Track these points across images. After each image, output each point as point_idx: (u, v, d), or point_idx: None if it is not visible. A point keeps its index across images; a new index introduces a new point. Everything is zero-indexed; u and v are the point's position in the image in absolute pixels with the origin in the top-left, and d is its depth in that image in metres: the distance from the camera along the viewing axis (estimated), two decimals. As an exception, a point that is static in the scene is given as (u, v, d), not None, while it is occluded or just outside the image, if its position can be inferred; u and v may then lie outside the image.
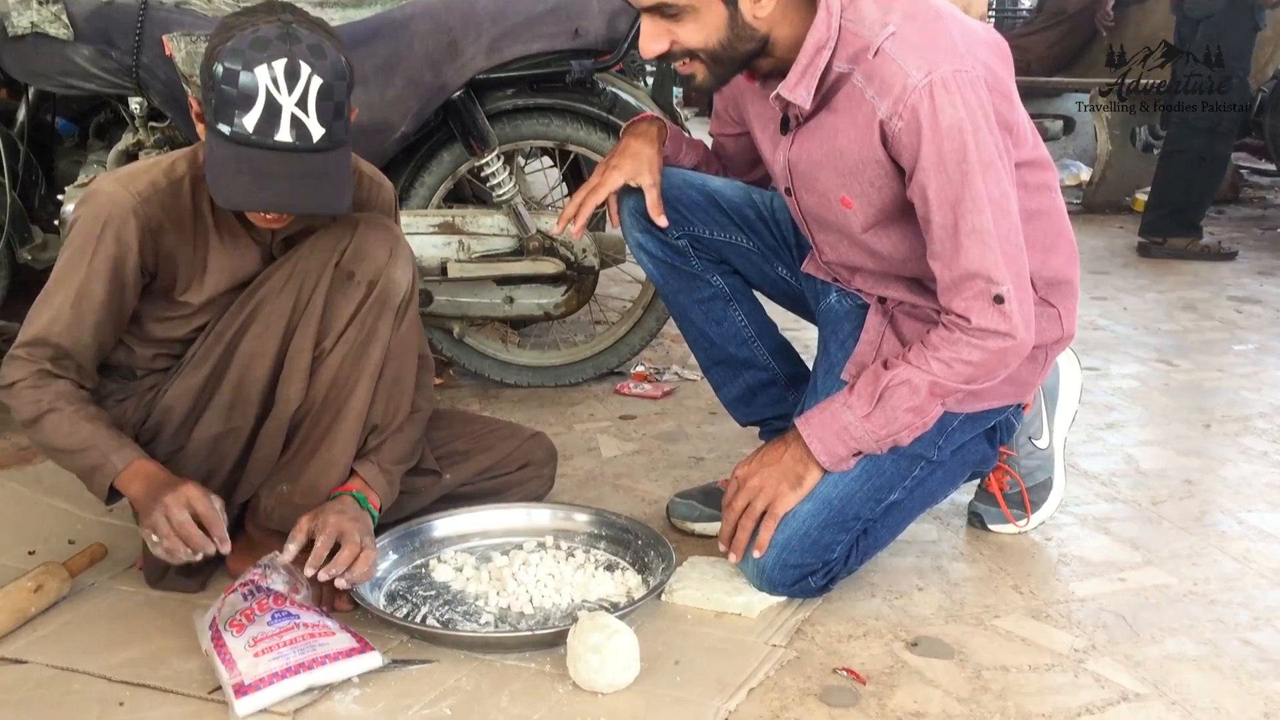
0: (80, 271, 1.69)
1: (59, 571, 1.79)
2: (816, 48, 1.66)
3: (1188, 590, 1.89)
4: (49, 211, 2.85)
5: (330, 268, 1.75)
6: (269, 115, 1.57)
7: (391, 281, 1.77)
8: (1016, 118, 1.71)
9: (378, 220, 1.81)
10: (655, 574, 1.84)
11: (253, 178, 1.60)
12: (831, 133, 1.70)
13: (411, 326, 1.86)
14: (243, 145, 1.59)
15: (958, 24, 1.66)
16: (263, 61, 1.57)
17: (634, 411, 2.77)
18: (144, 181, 1.72)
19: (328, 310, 1.76)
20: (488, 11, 2.58)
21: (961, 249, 1.62)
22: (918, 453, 1.79)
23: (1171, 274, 4.38)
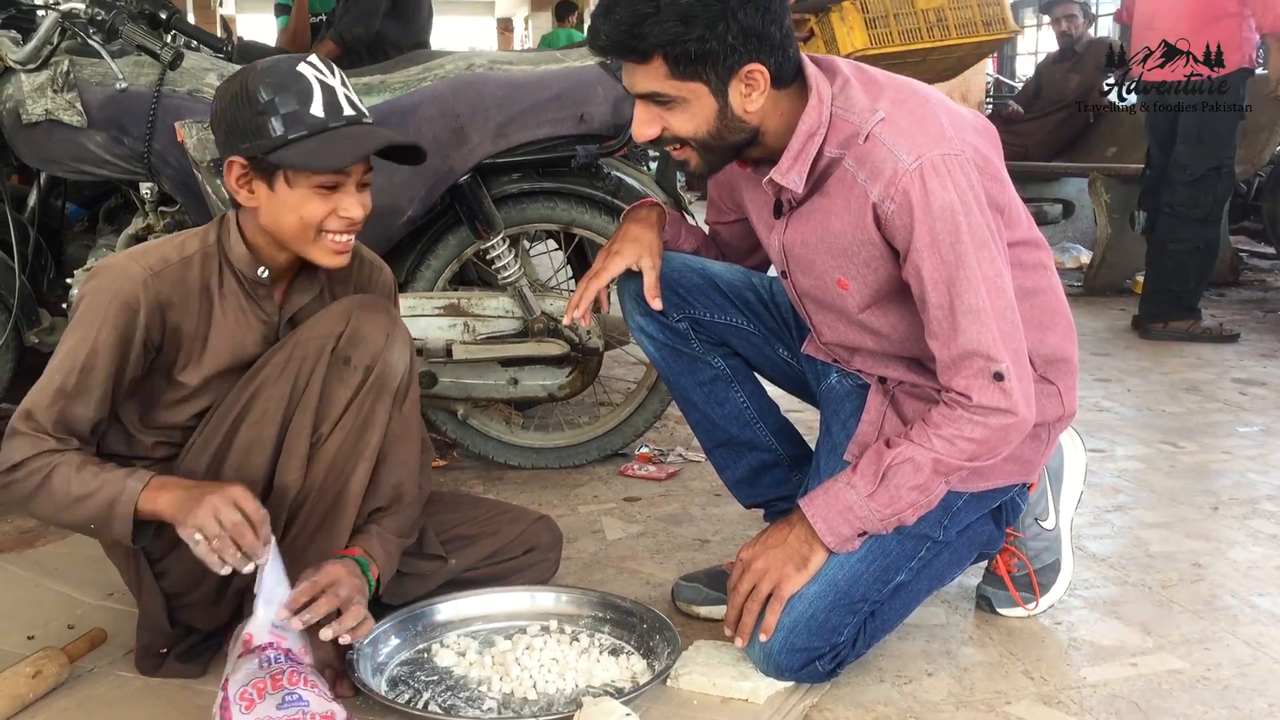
0: (86, 344, 1.69)
1: (58, 657, 1.77)
2: (808, 134, 1.69)
3: (1200, 676, 1.86)
4: (57, 295, 2.87)
5: (327, 353, 1.74)
6: (329, 97, 1.70)
7: (389, 365, 1.77)
8: (1008, 199, 1.74)
9: (375, 303, 1.81)
10: (660, 659, 1.82)
11: (348, 142, 1.71)
12: (825, 216, 1.73)
13: (413, 408, 1.86)
14: (324, 131, 1.69)
15: (946, 109, 1.69)
16: (296, 63, 1.71)
17: (638, 493, 2.76)
18: (154, 256, 1.74)
19: (324, 396, 1.75)
20: (495, 98, 2.63)
21: (959, 328, 1.63)
22: (923, 533, 1.78)
23: (1174, 356, 4.39)
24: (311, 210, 1.72)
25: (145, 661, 1.82)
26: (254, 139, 1.68)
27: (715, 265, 2.03)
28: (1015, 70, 9.62)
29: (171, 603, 1.81)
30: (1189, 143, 4.56)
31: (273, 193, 1.72)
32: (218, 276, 1.78)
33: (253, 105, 1.67)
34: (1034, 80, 7.21)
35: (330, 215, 1.73)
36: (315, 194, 1.71)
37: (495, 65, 2.68)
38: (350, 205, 1.74)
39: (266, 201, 1.73)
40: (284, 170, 1.70)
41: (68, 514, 1.67)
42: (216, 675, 1.81)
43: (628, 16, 1.60)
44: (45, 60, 2.55)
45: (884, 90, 1.69)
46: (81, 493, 1.65)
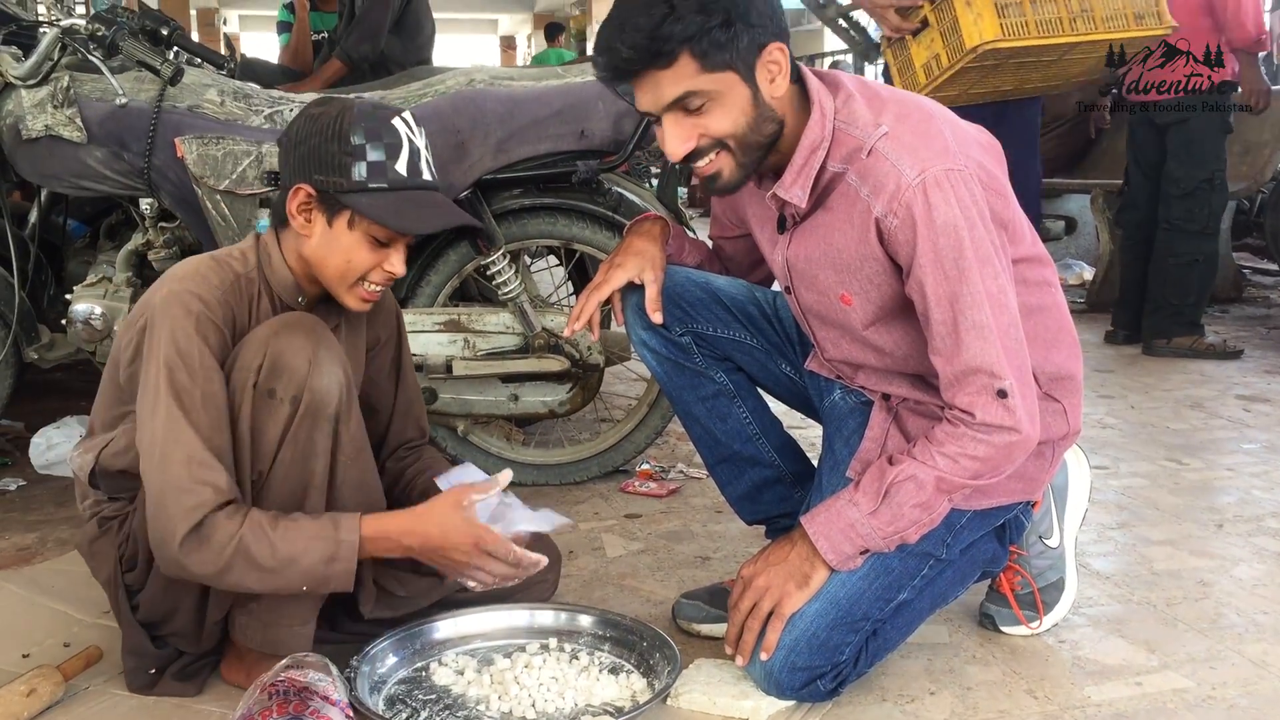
0: (196, 377, 1.64)
1: (53, 675, 1.76)
2: (811, 148, 1.68)
3: (1205, 695, 1.85)
4: (57, 311, 2.86)
5: (249, 390, 1.68)
6: (413, 158, 1.73)
7: (316, 393, 1.68)
8: (1012, 215, 1.73)
9: (294, 324, 1.72)
10: (661, 677, 1.80)
11: (429, 209, 1.75)
12: (828, 231, 1.72)
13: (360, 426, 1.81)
14: (403, 190, 1.72)
15: (950, 124, 1.69)
16: (393, 115, 1.73)
17: (639, 510, 2.75)
18: (214, 278, 1.73)
19: (255, 435, 1.69)
20: (495, 114, 2.63)
21: (962, 344, 1.62)
22: (926, 551, 1.77)
23: (1178, 373, 4.38)
24: (361, 258, 1.74)
25: (136, 681, 1.81)
26: (333, 174, 1.69)
27: (718, 279, 2.02)
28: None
29: (151, 630, 1.79)
30: (1179, 158, 4.58)
31: (329, 229, 1.73)
32: (257, 300, 1.78)
33: (342, 143, 1.68)
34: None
35: (376, 268, 1.76)
36: (369, 243, 1.74)
37: (496, 81, 2.68)
38: (397, 263, 1.78)
39: (320, 235, 1.74)
40: (351, 212, 1.71)
41: (276, 578, 1.64)
42: (212, 695, 1.81)
43: (646, 23, 1.57)
44: (46, 76, 2.55)
45: (887, 105, 1.69)
46: (289, 554, 1.63)
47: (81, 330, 2.71)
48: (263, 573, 1.63)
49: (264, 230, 2.44)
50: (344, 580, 1.67)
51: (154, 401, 1.64)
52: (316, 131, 1.70)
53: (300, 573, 1.64)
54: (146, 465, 1.65)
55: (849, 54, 13.07)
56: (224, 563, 1.61)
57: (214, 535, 1.60)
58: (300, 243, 1.76)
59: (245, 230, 2.58)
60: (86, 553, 1.84)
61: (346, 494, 1.77)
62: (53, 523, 2.64)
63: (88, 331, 2.71)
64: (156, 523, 1.63)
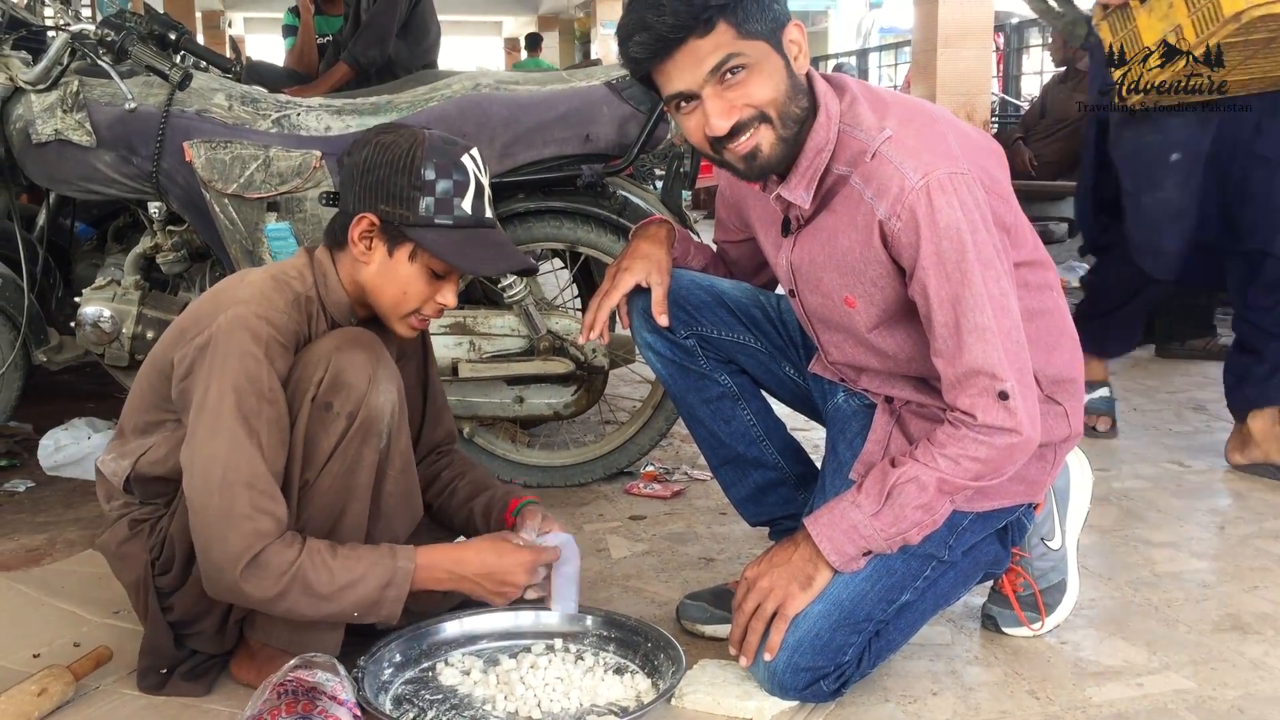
0: (263, 403, 1.66)
1: (63, 675, 1.77)
2: (816, 150, 1.70)
3: (1207, 696, 1.86)
4: (65, 314, 2.88)
5: (308, 402, 1.71)
6: (479, 196, 1.77)
7: (373, 410, 1.73)
8: (1014, 218, 1.74)
9: (356, 341, 1.76)
10: (665, 677, 1.81)
11: (492, 249, 1.79)
12: (832, 234, 1.73)
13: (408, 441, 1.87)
14: (469, 227, 1.76)
15: (953, 128, 1.70)
16: (464, 152, 1.76)
17: (644, 512, 2.76)
18: (281, 302, 1.73)
19: (308, 444, 1.72)
20: (500, 118, 2.64)
21: (964, 347, 1.64)
22: (929, 552, 1.78)
23: (1181, 375, 4.38)
24: (417, 290, 1.78)
25: (146, 680, 1.82)
26: (400, 206, 1.72)
27: (723, 283, 2.04)
28: (1021, 90, 9.63)
29: (177, 630, 1.81)
30: None
31: (390, 259, 1.76)
32: (317, 319, 1.79)
33: (412, 176, 1.71)
34: (1039, 101, 7.22)
35: (429, 300, 1.79)
36: (426, 276, 1.77)
37: (501, 85, 2.70)
38: (449, 295, 1.81)
39: (380, 263, 1.77)
40: (414, 245, 1.73)
41: (330, 604, 1.67)
42: (221, 694, 1.82)
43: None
44: (55, 81, 2.58)
45: (891, 109, 1.70)
46: (347, 580, 1.67)
47: (90, 332, 2.72)
48: (318, 599, 1.66)
49: (273, 232, 2.46)
50: (393, 607, 1.71)
51: (215, 423, 1.65)
52: (386, 162, 1.72)
53: (355, 599, 1.68)
54: (203, 485, 1.65)
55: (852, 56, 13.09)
56: (281, 589, 1.64)
57: (273, 562, 1.63)
58: (357, 268, 1.79)
59: (253, 233, 2.59)
60: (113, 554, 1.84)
61: (393, 505, 1.84)
62: (61, 524, 2.66)
63: (96, 334, 2.72)
64: (213, 548, 1.64)
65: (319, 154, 2.57)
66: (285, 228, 2.58)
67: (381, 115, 2.66)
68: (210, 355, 1.68)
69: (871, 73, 12.81)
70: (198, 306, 1.78)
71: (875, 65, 13.08)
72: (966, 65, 6.81)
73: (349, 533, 1.78)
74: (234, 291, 1.75)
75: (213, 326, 1.69)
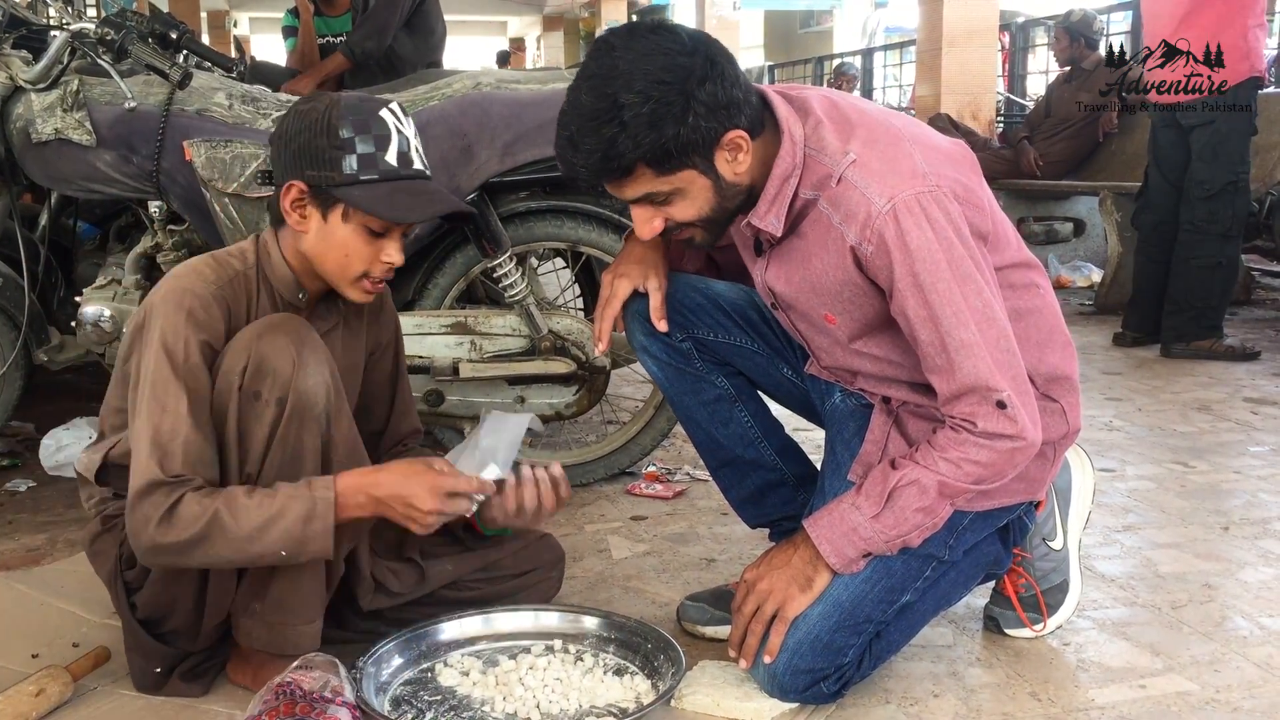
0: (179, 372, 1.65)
1: (61, 675, 1.77)
2: (783, 176, 1.69)
3: (1210, 698, 1.85)
4: (67, 313, 2.88)
5: (235, 393, 1.68)
6: (403, 148, 1.74)
7: (302, 394, 1.68)
8: (992, 224, 1.73)
9: (278, 325, 1.72)
10: (665, 679, 1.81)
11: (422, 197, 1.76)
12: (804, 257, 1.74)
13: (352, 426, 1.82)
14: (395, 179, 1.73)
15: (919, 144, 1.68)
16: (380, 106, 1.74)
17: (645, 512, 2.76)
18: (211, 274, 1.74)
19: (243, 436, 1.70)
20: (501, 117, 2.64)
21: (954, 364, 1.63)
22: (929, 553, 1.77)
23: (1186, 375, 4.37)
24: (358, 250, 1.76)
25: (143, 680, 1.82)
26: (324, 169, 1.71)
27: (718, 284, 2.03)
28: (1026, 89, 9.61)
29: (149, 628, 1.80)
30: (1204, 159, 4.55)
31: (325, 223, 1.75)
32: (256, 298, 1.79)
33: (330, 137, 1.70)
34: (1044, 99, 7.21)
35: (375, 261, 1.77)
36: (364, 235, 1.75)
37: (502, 84, 2.69)
38: (394, 252, 1.79)
39: (316, 230, 1.76)
40: (344, 205, 1.72)
41: (253, 545, 1.62)
42: (220, 695, 1.82)
43: (598, 144, 1.58)
44: (55, 80, 2.58)
45: (855, 130, 1.69)
46: (265, 517, 1.62)
47: (91, 332, 2.72)
48: (239, 541, 1.61)
49: None
50: (323, 541, 1.64)
51: (140, 393, 1.67)
52: (305, 128, 1.72)
53: (278, 536, 1.62)
54: (133, 455, 1.67)
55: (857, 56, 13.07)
56: (197, 532, 1.60)
57: (187, 512, 1.60)
58: (298, 239, 1.78)
59: (253, 232, 2.58)
60: (89, 550, 1.86)
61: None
62: (62, 524, 2.66)
63: (97, 333, 2.72)
64: (133, 512, 1.64)
65: (320, 153, 2.56)
66: (286, 227, 2.57)
67: (382, 114, 2.65)
68: (141, 329, 1.71)
69: (876, 72, 12.78)
70: (150, 294, 1.78)
71: (880, 65, 13.05)
72: (972, 65, 6.80)
73: None
74: (174, 271, 1.78)
75: (146, 305, 1.72)
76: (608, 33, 1.65)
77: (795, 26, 24.30)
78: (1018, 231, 1.85)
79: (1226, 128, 4.49)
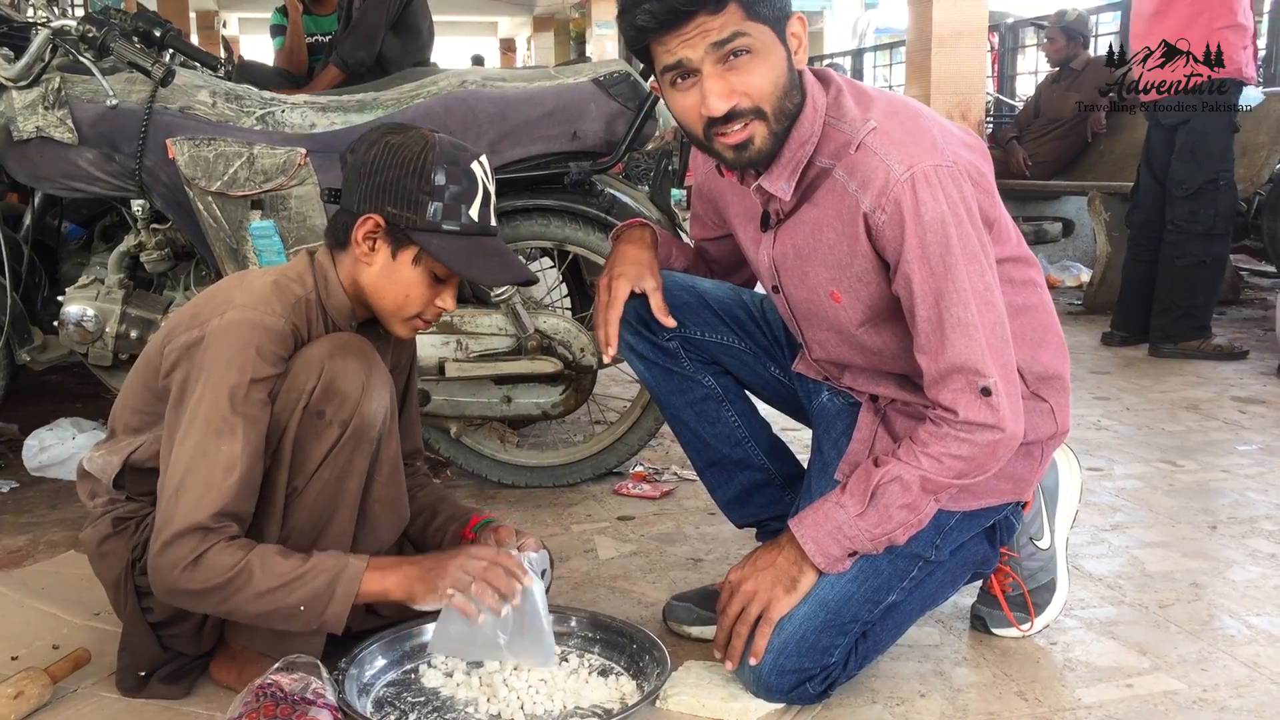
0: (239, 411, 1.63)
1: (40, 678, 1.75)
2: (801, 141, 1.68)
3: (1197, 697, 1.84)
4: (50, 313, 2.86)
5: (299, 410, 1.69)
6: (485, 203, 1.75)
7: (365, 417, 1.72)
8: (999, 214, 1.72)
9: (349, 347, 1.74)
10: (650, 679, 1.79)
11: (496, 259, 1.77)
12: (815, 227, 1.72)
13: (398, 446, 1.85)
14: (474, 235, 1.74)
15: (937, 123, 1.68)
16: (474, 159, 1.75)
17: (632, 512, 2.75)
18: (277, 305, 1.70)
19: (298, 451, 1.71)
20: (487, 115, 2.62)
21: (947, 341, 1.62)
22: (915, 552, 1.76)
23: (1174, 374, 4.37)
24: (419, 294, 1.77)
25: (125, 682, 1.80)
26: (406, 210, 1.70)
27: (705, 283, 2.02)
28: (1015, 90, 9.62)
29: (157, 631, 1.79)
30: (1182, 158, 4.57)
31: (393, 261, 1.75)
32: (316, 322, 1.77)
33: (422, 180, 1.69)
34: (1033, 100, 7.21)
35: (429, 304, 1.78)
36: (428, 279, 1.76)
37: (488, 82, 2.68)
38: (450, 301, 1.81)
39: (382, 265, 1.75)
40: (419, 249, 1.72)
41: (273, 599, 1.62)
42: (200, 697, 1.80)
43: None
44: (37, 77, 2.55)
45: (875, 102, 1.69)
46: (293, 574, 1.62)
47: (74, 332, 2.70)
48: (260, 594, 1.61)
49: (257, 230, 2.44)
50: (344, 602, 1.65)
51: (189, 425, 1.64)
52: (396, 164, 1.70)
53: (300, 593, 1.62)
54: (166, 483, 1.65)
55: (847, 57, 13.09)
56: (220, 582, 1.60)
57: (215, 562, 1.60)
58: (358, 269, 1.77)
59: (237, 231, 2.57)
60: (94, 551, 1.82)
61: (379, 510, 1.82)
62: (44, 525, 2.64)
63: (80, 333, 2.70)
64: (159, 548, 1.62)
65: (304, 151, 2.55)
66: (269, 225, 2.56)
67: (367, 113, 2.64)
68: (199, 355, 1.66)
69: (866, 73, 12.81)
70: (195, 304, 1.76)
71: (870, 65, 13.08)
72: (961, 65, 6.79)
73: (335, 539, 1.76)
74: (230, 294, 1.72)
75: (206, 326, 1.68)
76: None
77: (786, 27, 24.29)
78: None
79: (1204, 126, 4.50)
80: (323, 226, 2.51)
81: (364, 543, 1.81)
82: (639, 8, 1.59)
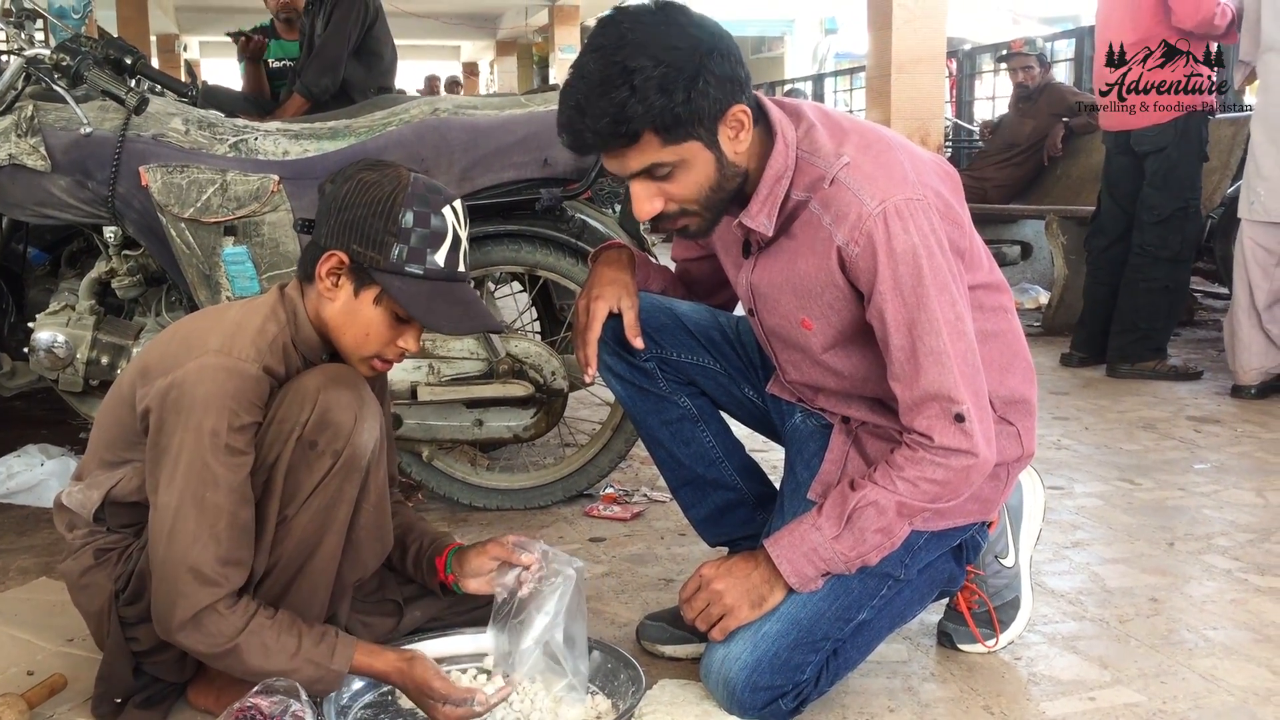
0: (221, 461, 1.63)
1: (16, 704, 1.75)
2: (776, 177, 1.72)
3: (1157, 709, 1.89)
4: (17, 339, 2.85)
5: (292, 440, 1.69)
6: (454, 249, 1.73)
7: (357, 447, 1.72)
8: (969, 243, 1.77)
9: (341, 378, 1.74)
10: (625, 698, 1.82)
11: (459, 307, 1.74)
12: (791, 257, 1.76)
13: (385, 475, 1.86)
14: (438, 280, 1.71)
15: (909, 154, 1.73)
16: (445, 203, 1.72)
17: (603, 533, 2.77)
18: (252, 350, 1.69)
19: (289, 481, 1.71)
20: (459, 142, 2.65)
21: (921, 370, 1.66)
22: (885, 571, 1.80)
23: (1131, 394, 4.45)
24: (379, 334, 1.76)
25: (101, 709, 1.80)
26: (370, 249, 1.69)
27: (683, 305, 2.06)
28: (974, 115, 9.76)
29: (142, 658, 1.79)
30: (1155, 185, 4.65)
31: (355, 299, 1.74)
32: (289, 360, 1.76)
33: (389, 221, 1.68)
34: (996, 122, 7.37)
35: (390, 344, 1.78)
36: (390, 320, 1.75)
37: (460, 110, 2.71)
38: (412, 342, 1.79)
39: (344, 303, 1.74)
40: (381, 290, 1.71)
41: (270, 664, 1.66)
42: (178, 720, 1.81)
43: (608, 107, 1.58)
44: (10, 105, 2.56)
45: (848, 135, 1.73)
46: (291, 650, 1.67)
47: (44, 358, 2.70)
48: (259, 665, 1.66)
49: (230, 256, 2.44)
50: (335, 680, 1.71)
51: (172, 475, 1.64)
52: (365, 202, 1.69)
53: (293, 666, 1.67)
54: (157, 532, 1.65)
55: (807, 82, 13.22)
56: (218, 652, 1.65)
57: (214, 629, 1.63)
58: (322, 304, 1.76)
59: (210, 258, 2.58)
60: (75, 582, 1.81)
61: (365, 537, 1.83)
62: (14, 551, 2.63)
63: (50, 359, 2.70)
64: (159, 597, 1.65)
65: (277, 178, 2.57)
66: (243, 252, 2.57)
67: (340, 140, 2.66)
68: (175, 403, 1.64)
69: (827, 97, 12.93)
70: (166, 345, 1.73)
71: (831, 90, 13.20)
72: (920, 90, 6.89)
73: (321, 565, 1.77)
74: (204, 337, 1.70)
75: (179, 372, 1.65)
76: (614, 10, 1.65)
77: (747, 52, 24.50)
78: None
79: (1177, 155, 4.59)
80: (295, 253, 2.53)
81: (345, 569, 1.82)
82: (561, 133, 1.67)
